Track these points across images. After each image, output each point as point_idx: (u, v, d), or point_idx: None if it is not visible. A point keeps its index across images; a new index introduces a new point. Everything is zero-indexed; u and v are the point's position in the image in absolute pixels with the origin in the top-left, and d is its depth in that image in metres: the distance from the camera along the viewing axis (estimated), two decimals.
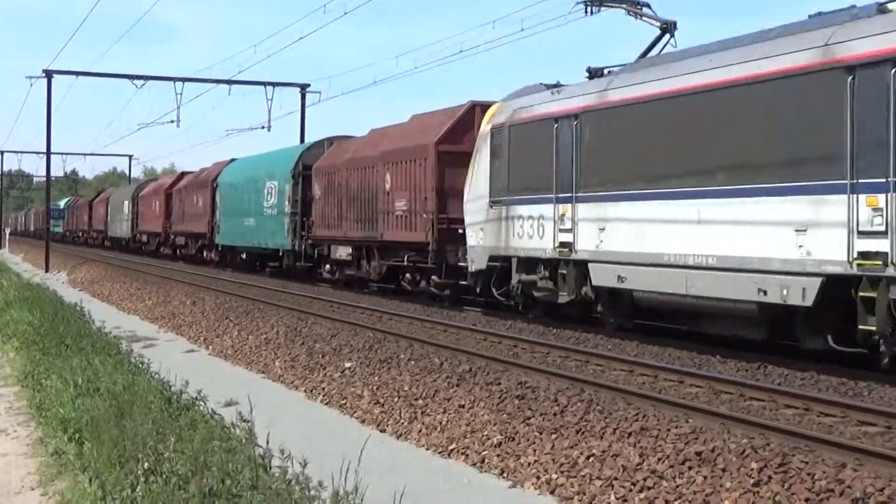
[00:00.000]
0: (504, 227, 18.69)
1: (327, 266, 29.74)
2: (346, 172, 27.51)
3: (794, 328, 13.25)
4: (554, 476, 8.87)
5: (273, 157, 36.03)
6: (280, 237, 32.73)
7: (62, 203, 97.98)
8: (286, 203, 32.18)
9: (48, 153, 49.12)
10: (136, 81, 45.74)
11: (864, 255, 11.59)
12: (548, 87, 18.53)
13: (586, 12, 18.80)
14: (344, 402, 12.97)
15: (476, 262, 19.70)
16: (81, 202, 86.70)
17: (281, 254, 33.43)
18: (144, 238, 57.54)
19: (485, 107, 21.05)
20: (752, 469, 7.80)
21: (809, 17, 13.60)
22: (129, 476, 7.27)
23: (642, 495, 8.09)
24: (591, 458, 8.90)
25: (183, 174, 51.56)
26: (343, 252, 27.92)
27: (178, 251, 49.08)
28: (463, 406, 11.17)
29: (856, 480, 7.32)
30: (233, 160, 42.28)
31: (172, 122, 47.59)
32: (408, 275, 24.17)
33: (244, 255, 38.72)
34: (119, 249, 64.19)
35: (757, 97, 13.28)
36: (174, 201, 49.10)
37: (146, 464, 7.31)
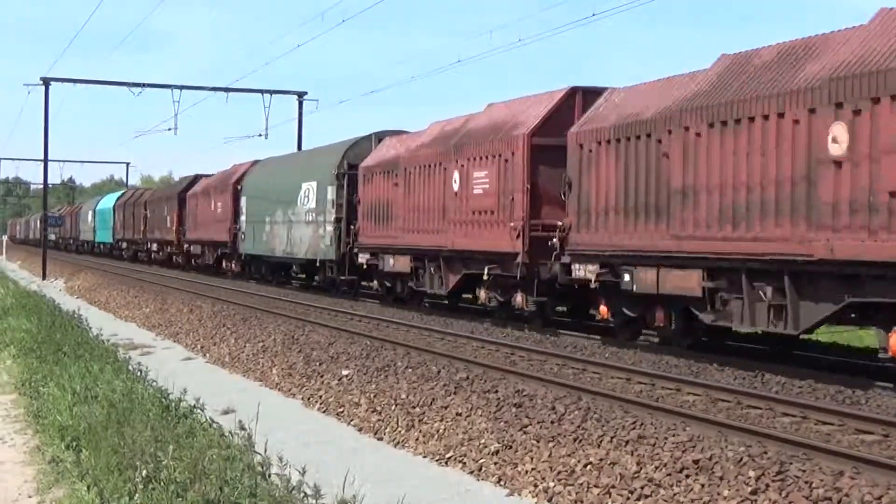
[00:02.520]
0: None
1: None
2: None
3: None
4: (551, 484, 8.88)
5: None
6: None
7: (113, 199, 64.78)
8: None
9: (45, 161, 49.08)
10: (133, 89, 45.52)
11: None
12: None
13: None
14: (341, 409, 12.96)
15: None
16: (154, 196, 53.84)
17: None
18: (390, 262, 24.08)
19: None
20: (749, 477, 7.81)
21: None
22: (128, 483, 7.26)
23: (640, 503, 8.10)
24: (589, 466, 8.90)
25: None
26: None
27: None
28: (460, 414, 11.17)
29: (853, 489, 7.34)
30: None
31: (170, 129, 46.19)
32: None
33: None
34: (275, 283, 33.73)
35: None
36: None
37: (145, 471, 7.30)
